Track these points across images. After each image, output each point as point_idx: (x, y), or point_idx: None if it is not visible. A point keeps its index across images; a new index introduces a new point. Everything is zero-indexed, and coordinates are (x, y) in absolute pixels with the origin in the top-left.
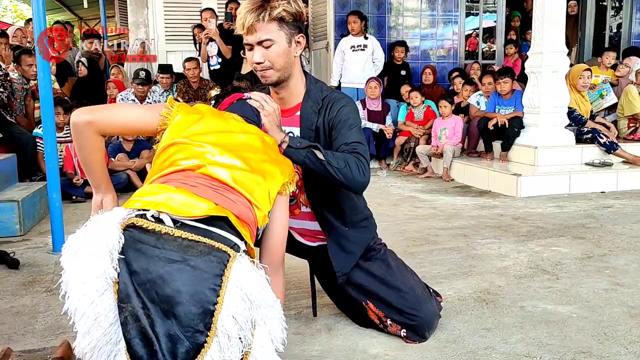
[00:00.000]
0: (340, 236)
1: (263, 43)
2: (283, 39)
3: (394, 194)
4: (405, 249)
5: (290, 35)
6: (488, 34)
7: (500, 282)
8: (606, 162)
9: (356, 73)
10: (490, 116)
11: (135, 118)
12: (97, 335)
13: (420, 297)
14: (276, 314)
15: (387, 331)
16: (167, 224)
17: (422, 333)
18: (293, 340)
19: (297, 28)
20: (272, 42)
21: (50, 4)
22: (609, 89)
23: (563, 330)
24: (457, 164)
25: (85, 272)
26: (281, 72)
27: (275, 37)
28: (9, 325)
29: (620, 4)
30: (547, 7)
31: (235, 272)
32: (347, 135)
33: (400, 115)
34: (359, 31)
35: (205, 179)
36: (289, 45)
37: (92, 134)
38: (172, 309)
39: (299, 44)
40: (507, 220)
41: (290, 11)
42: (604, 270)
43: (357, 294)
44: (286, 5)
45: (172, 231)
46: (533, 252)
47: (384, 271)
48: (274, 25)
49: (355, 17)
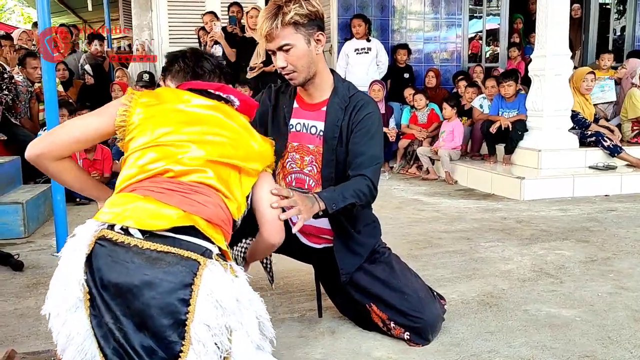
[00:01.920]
0: (348, 237)
1: (282, 48)
2: (301, 40)
3: (397, 197)
4: (409, 252)
5: (308, 36)
6: (491, 36)
7: (504, 286)
8: (610, 165)
9: (360, 76)
10: (494, 119)
11: (90, 129)
12: (71, 352)
13: (423, 300)
14: (252, 317)
15: (390, 334)
16: (135, 235)
17: (425, 336)
18: (296, 343)
19: (314, 27)
20: (290, 46)
21: (55, 6)
22: (612, 86)
23: (567, 334)
24: (461, 166)
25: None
26: (306, 73)
27: (292, 41)
28: (13, 327)
29: (624, 7)
30: (551, 10)
31: (206, 280)
32: (367, 145)
33: (404, 118)
34: (363, 34)
35: (173, 184)
36: (308, 46)
37: (51, 163)
38: (145, 322)
39: (319, 42)
40: (510, 223)
41: (303, 13)
42: (608, 273)
43: (360, 296)
44: (298, 8)
45: (140, 243)
46: (537, 255)
47: (387, 274)
48: (290, 29)
49: (359, 20)
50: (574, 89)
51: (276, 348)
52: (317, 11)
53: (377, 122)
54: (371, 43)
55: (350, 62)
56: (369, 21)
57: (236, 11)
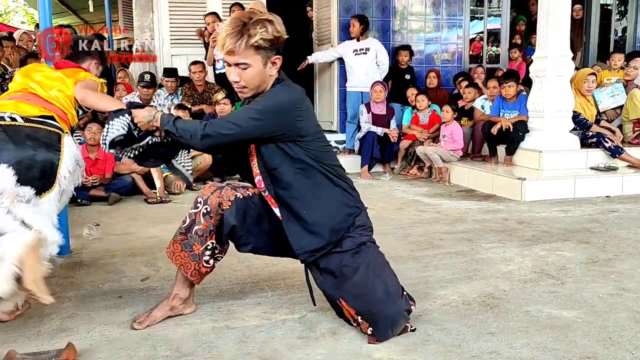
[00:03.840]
0: (296, 217)
1: (240, 65)
2: (259, 62)
3: (398, 198)
4: (410, 253)
5: (266, 58)
6: (492, 37)
7: (505, 287)
8: (611, 167)
9: (360, 77)
10: (495, 120)
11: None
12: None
13: (388, 295)
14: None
15: (360, 330)
16: (18, 121)
17: (384, 331)
18: (297, 344)
19: (274, 50)
20: (248, 66)
21: (57, 7)
22: (622, 89)
23: (568, 335)
24: (462, 168)
25: None
26: (255, 90)
27: (251, 62)
28: (15, 328)
29: (626, 7)
30: (552, 11)
31: (66, 141)
32: (235, 112)
33: (405, 118)
34: (357, 34)
35: (32, 95)
36: (264, 67)
37: None
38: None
39: (274, 64)
40: (511, 224)
41: (268, 38)
42: (609, 275)
43: (332, 290)
44: (264, 33)
45: (22, 123)
46: (538, 256)
47: (358, 268)
48: (251, 50)
49: (354, 20)
50: (575, 90)
51: (277, 349)
52: (281, 36)
53: (262, 100)
54: (369, 43)
55: (350, 63)
56: (366, 22)
57: (236, 11)
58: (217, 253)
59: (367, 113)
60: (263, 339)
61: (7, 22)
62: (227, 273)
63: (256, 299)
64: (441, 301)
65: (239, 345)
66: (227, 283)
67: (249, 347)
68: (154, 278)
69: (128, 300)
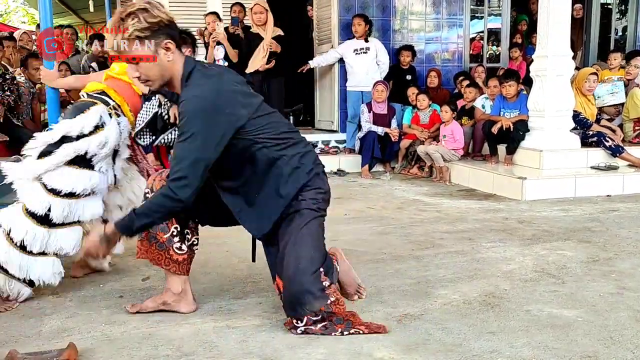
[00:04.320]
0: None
1: (131, 61)
2: (147, 52)
3: (398, 197)
4: (410, 252)
5: (154, 46)
6: (493, 36)
7: (506, 286)
8: (612, 166)
9: (361, 77)
10: (495, 119)
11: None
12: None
13: (298, 270)
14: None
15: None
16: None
17: (291, 306)
18: (298, 343)
19: (161, 36)
20: (138, 59)
21: (57, 7)
22: (622, 88)
23: (569, 334)
24: (462, 167)
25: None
26: (160, 80)
27: (139, 54)
28: (16, 327)
29: (626, 7)
30: (553, 10)
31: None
32: (177, 145)
33: (406, 118)
34: (362, 34)
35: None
36: (156, 56)
37: None
38: None
39: (168, 50)
40: (512, 223)
41: (143, 27)
42: (610, 274)
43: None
44: (137, 24)
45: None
46: (538, 255)
47: (285, 238)
48: (134, 43)
49: (359, 19)
50: (576, 89)
51: (278, 349)
52: (161, 20)
53: (185, 122)
54: (369, 43)
55: (350, 62)
56: (370, 22)
57: (238, 11)
58: (189, 237)
59: (368, 112)
60: (264, 338)
61: (8, 22)
62: (228, 273)
63: (257, 298)
64: (442, 300)
65: (239, 344)
66: (228, 283)
67: (249, 346)
68: (155, 277)
69: (129, 299)
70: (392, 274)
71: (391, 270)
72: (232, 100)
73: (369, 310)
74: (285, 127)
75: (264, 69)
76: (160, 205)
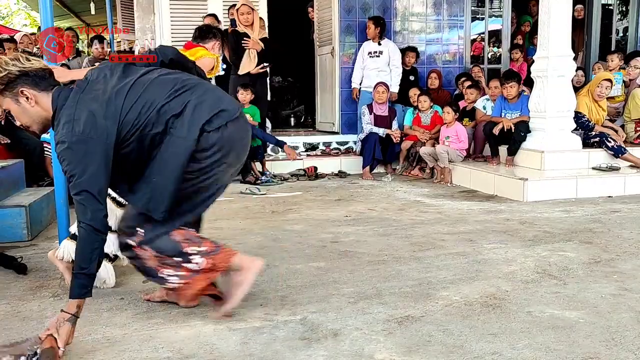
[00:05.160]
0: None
1: (6, 112)
2: (11, 103)
3: (399, 199)
4: (412, 253)
5: (14, 96)
6: (494, 37)
7: (507, 287)
8: (613, 167)
9: (372, 79)
10: (497, 120)
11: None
12: None
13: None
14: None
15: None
16: None
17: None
18: (299, 346)
19: (16, 86)
20: (8, 109)
21: (58, 10)
22: (620, 81)
23: (571, 336)
24: (464, 168)
25: None
26: (36, 125)
27: (6, 106)
28: (17, 330)
29: (627, 7)
30: (553, 11)
31: None
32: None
33: (407, 119)
34: (373, 36)
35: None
36: (18, 105)
37: None
38: None
39: (28, 98)
40: (513, 224)
41: None
42: (611, 275)
43: None
44: None
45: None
46: (540, 257)
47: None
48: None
49: (370, 22)
50: (588, 92)
51: (279, 350)
52: (9, 73)
53: (63, 162)
54: (382, 47)
55: (365, 64)
56: (382, 24)
57: (233, 13)
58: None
59: (369, 114)
60: (265, 340)
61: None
62: None
63: (258, 300)
64: (443, 302)
65: (240, 346)
66: None
67: (250, 348)
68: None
69: (130, 301)
70: (393, 275)
71: (392, 271)
72: (92, 120)
73: (370, 312)
74: (163, 96)
75: (257, 72)
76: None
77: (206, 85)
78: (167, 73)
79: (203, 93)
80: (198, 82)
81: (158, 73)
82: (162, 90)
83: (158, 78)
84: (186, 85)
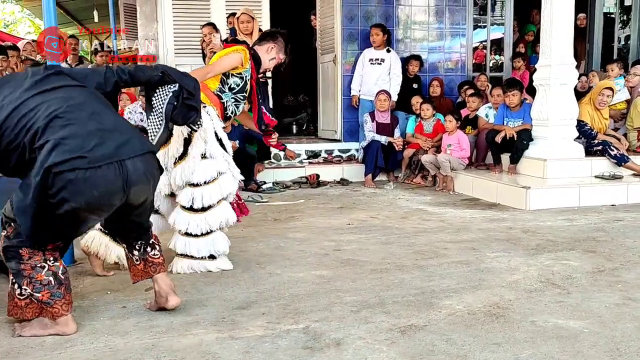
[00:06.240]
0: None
1: None
2: None
3: (402, 207)
4: (414, 262)
5: None
6: (496, 46)
7: (510, 296)
8: (616, 175)
9: (370, 87)
10: (499, 129)
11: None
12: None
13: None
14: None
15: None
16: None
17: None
18: (301, 355)
19: None
20: None
21: (62, 18)
22: (622, 84)
23: (575, 346)
24: (466, 176)
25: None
26: None
27: None
28: (19, 338)
29: (629, 16)
30: (556, 19)
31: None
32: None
33: (409, 127)
34: (380, 44)
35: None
36: None
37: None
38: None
39: None
40: (516, 233)
41: None
42: (615, 284)
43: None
44: None
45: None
46: (543, 265)
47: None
48: None
49: (377, 29)
50: (590, 101)
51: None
52: None
53: None
54: (387, 55)
55: (365, 70)
56: (388, 32)
57: (232, 22)
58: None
59: (371, 122)
60: (267, 349)
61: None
62: (231, 283)
63: (260, 309)
64: (446, 311)
65: (243, 355)
66: (230, 293)
67: (252, 357)
68: None
69: (132, 310)
70: (396, 284)
71: (395, 280)
72: None
73: (373, 321)
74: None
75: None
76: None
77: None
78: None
79: (73, 132)
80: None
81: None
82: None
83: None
84: (66, 117)
